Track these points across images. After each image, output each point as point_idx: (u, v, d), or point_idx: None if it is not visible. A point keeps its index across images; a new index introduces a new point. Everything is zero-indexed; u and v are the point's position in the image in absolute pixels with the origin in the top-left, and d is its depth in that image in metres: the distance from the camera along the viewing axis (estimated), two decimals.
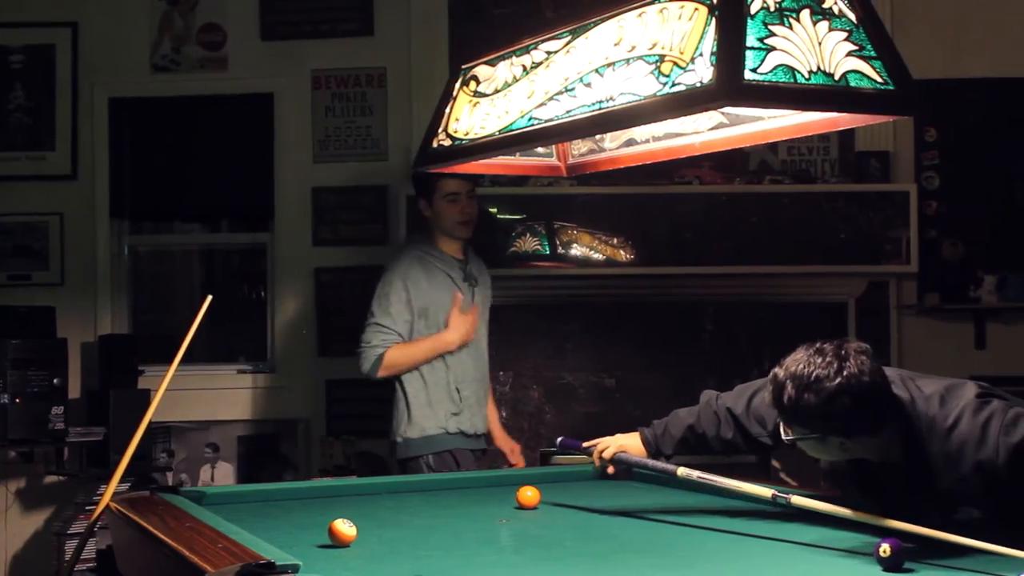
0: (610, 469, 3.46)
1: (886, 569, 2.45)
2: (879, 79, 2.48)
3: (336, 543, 2.74)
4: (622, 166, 3.34)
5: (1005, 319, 6.20)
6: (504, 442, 4.80)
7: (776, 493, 2.91)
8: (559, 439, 3.60)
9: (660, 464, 3.21)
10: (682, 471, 3.10)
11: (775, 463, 5.07)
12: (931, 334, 6.16)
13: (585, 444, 3.48)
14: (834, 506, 2.78)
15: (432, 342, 4.45)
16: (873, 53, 2.48)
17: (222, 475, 6.03)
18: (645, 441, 3.28)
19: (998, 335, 6.20)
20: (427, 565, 2.49)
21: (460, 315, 4.44)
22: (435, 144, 3.33)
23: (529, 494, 3.32)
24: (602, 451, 3.35)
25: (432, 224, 4.57)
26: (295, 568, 2.28)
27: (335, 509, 3.14)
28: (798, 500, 2.86)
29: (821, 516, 2.84)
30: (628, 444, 3.31)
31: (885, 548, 2.45)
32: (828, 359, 2.60)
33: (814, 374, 2.59)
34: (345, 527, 2.75)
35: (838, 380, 2.58)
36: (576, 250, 5.73)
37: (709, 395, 3.20)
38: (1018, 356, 6.11)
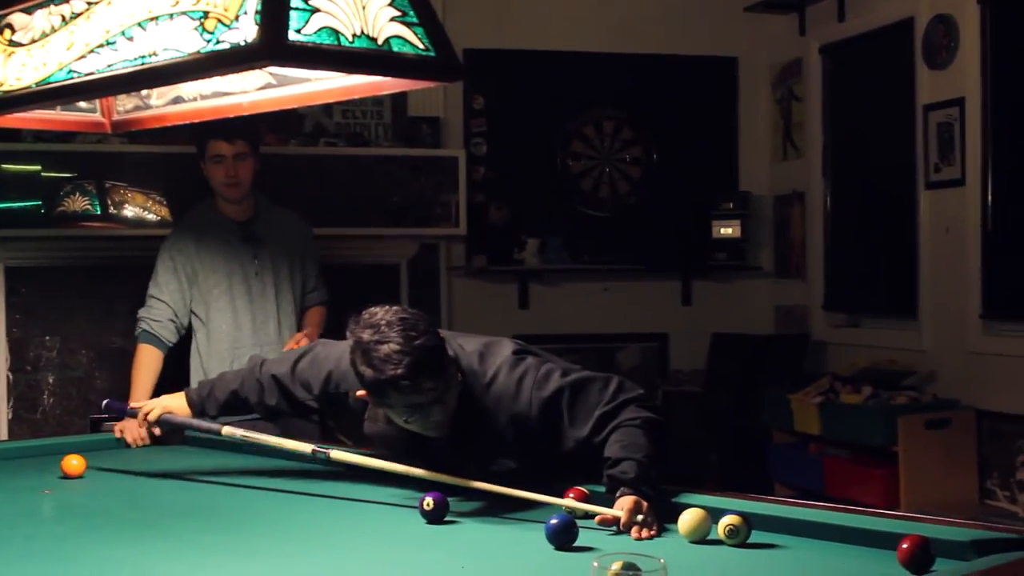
0: (156, 431, 3.40)
1: (429, 521, 2.56)
2: (421, 45, 2.54)
3: None
4: (169, 124, 3.25)
5: (546, 280, 6.56)
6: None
7: (316, 448, 2.99)
8: (105, 402, 3.51)
9: (205, 424, 3.19)
10: (226, 430, 3.10)
11: (331, 423, 5.14)
12: (479, 295, 6.42)
13: (131, 406, 3.42)
14: (373, 459, 2.87)
15: (136, 386, 4.12)
16: (416, 20, 2.54)
17: None
18: (191, 401, 3.23)
19: (539, 295, 6.56)
20: None
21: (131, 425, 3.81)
22: None
23: (74, 463, 3.22)
24: (147, 413, 3.27)
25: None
26: None
27: None
28: (337, 455, 2.95)
29: (369, 475, 2.93)
30: (173, 405, 3.25)
31: (428, 501, 2.56)
32: (410, 320, 2.64)
33: (416, 330, 2.62)
34: None
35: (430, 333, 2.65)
36: (129, 210, 5.55)
37: (255, 360, 3.20)
38: (556, 315, 6.49)
